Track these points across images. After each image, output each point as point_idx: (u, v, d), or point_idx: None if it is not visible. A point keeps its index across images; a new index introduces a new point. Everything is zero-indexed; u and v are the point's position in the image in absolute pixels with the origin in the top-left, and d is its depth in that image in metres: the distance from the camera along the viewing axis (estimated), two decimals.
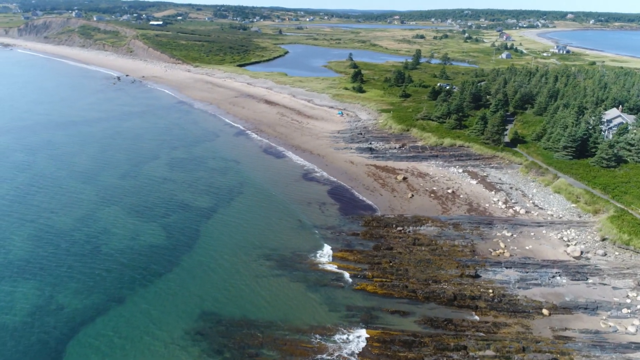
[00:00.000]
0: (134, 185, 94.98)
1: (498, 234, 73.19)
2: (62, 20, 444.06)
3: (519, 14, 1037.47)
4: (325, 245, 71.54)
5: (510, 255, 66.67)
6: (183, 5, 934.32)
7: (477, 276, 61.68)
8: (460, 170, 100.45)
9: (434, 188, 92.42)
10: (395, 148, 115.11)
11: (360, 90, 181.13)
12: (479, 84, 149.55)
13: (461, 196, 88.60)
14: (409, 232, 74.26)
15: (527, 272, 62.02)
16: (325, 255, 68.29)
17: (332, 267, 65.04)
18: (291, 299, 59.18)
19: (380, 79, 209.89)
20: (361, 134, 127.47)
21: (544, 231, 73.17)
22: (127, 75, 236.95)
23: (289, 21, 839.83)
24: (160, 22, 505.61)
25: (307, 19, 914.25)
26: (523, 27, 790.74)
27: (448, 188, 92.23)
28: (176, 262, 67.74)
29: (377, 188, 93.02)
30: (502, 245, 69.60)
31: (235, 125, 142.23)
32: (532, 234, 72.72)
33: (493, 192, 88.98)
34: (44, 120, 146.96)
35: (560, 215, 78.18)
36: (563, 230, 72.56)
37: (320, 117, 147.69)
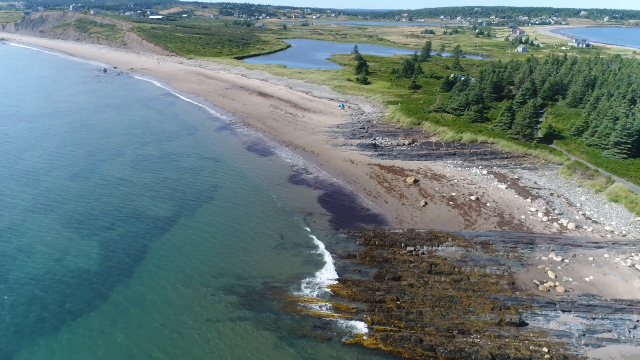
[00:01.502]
0: (83, 188, 77.26)
1: (543, 257, 54.47)
2: (58, 14, 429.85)
3: (531, 11, 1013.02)
4: (310, 272, 53.29)
5: (565, 291, 47.98)
6: (189, 2, 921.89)
7: (522, 324, 43.16)
8: (485, 172, 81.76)
9: (453, 194, 73.82)
10: (403, 144, 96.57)
11: (365, 81, 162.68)
12: (501, 73, 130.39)
13: (488, 204, 69.98)
14: (423, 253, 55.79)
15: (594, 319, 43.39)
16: (308, 288, 50.05)
17: (317, 307, 46.77)
18: (254, 357, 41.00)
19: (388, 70, 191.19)
20: (364, 128, 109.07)
21: (606, 255, 54.39)
22: (115, 67, 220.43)
23: (295, 19, 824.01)
24: (161, 17, 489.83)
25: (314, 17, 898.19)
26: (535, 24, 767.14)
27: (470, 194, 73.65)
28: (107, 295, 49.82)
29: (382, 193, 74.64)
30: (551, 275, 50.92)
31: (221, 118, 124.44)
32: (591, 258, 53.93)
33: (529, 200, 70.20)
34: (8, 112, 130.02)
35: (624, 232, 59.30)
36: (633, 255, 53.73)
37: (318, 110, 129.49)
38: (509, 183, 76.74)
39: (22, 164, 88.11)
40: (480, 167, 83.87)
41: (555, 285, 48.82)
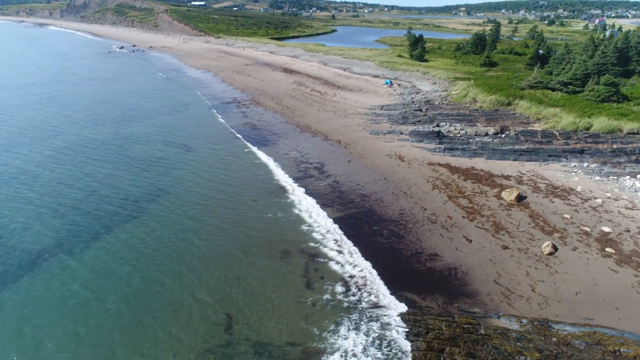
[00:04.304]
0: None
1: None
2: (100, 0, 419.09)
3: (604, 5, 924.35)
4: None
5: None
6: None
7: None
8: None
9: (605, 229, 36.71)
10: (486, 134, 59.81)
11: (422, 58, 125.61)
12: (628, 38, 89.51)
13: None
14: None
15: None
16: None
17: None
18: None
19: (449, 48, 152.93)
20: (420, 109, 72.94)
21: None
22: (133, 46, 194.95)
23: (346, 12, 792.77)
24: (203, 3, 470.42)
25: (366, 10, 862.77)
26: (611, 17, 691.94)
27: None
28: None
29: (458, 220, 38.69)
30: None
31: (223, 95, 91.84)
32: None
33: None
34: None
35: None
36: None
37: (356, 88, 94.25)
38: None
39: None
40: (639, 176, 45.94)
41: None
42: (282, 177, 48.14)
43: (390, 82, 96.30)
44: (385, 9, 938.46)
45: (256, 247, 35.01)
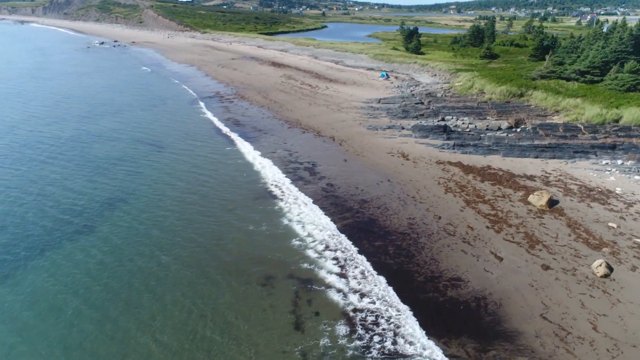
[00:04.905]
0: None
1: None
2: None
3: (594, 2, 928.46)
4: None
5: None
6: None
7: None
8: None
9: None
10: (500, 128, 53.08)
11: (418, 51, 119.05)
12: None
13: None
14: None
15: None
16: None
17: None
18: None
19: (445, 42, 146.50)
20: (422, 102, 66.05)
21: None
22: (115, 41, 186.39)
23: (336, 10, 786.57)
24: (191, 0, 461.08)
25: (356, 9, 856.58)
26: (600, 14, 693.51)
27: None
28: None
29: (482, 231, 31.78)
30: None
31: (206, 90, 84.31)
32: None
33: None
34: None
35: None
36: None
37: (350, 81, 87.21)
38: None
39: None
40: None
41: None
42: (269, 180, 40.92)
43: (387, 74, 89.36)
44: (376, 7, 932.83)
45: (235, 268, 27.81)
